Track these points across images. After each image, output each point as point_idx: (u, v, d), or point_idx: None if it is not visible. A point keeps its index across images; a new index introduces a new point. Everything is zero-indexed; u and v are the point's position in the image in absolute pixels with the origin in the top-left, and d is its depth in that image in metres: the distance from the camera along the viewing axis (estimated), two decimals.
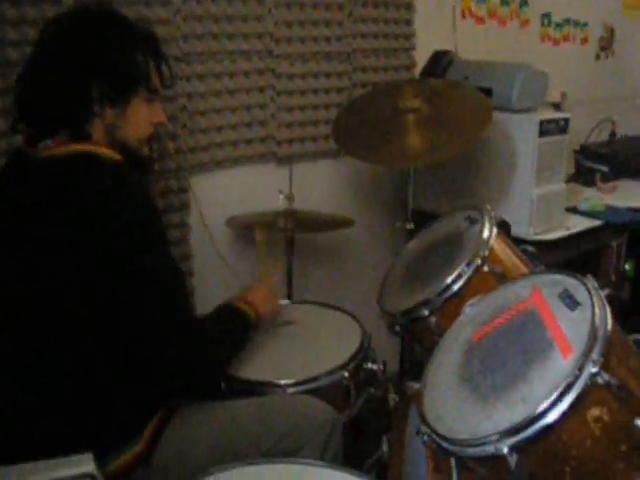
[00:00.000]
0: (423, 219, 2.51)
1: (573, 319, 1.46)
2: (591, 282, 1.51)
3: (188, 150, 2.63)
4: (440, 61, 3.07)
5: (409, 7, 3.21)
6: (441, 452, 1.46)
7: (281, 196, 2.65)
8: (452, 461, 1.61)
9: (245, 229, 2.78)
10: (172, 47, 2.52)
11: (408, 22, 3.23)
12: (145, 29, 1.85)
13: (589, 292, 1.48)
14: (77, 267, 1.61)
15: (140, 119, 1.80)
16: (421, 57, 3.22)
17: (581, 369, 1.31)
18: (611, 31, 4.44)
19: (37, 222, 1.65)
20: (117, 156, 1.73)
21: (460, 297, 1.88)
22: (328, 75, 2.99)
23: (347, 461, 1.95)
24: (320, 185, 3.08)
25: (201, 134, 2.68)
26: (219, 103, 2.70)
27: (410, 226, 2.65)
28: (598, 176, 3.72)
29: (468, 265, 1.90)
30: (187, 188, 2.64)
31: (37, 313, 1.65)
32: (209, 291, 2.76)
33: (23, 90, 1.76)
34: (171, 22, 2.50)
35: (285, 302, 2.53)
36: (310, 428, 1.84)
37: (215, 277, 2.80)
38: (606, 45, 4.44)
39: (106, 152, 1.72)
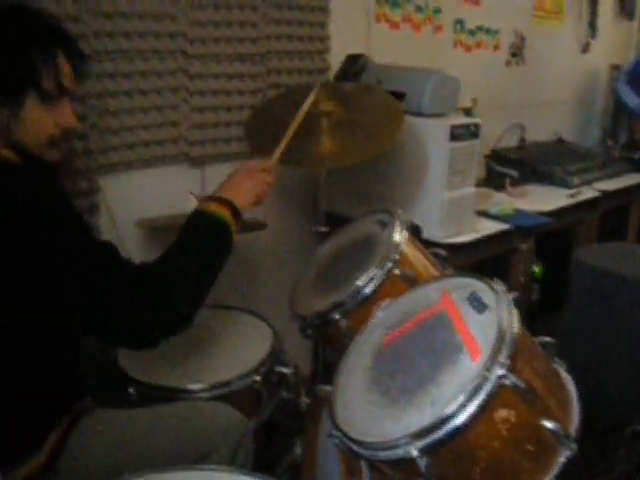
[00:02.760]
0: (336, 222, 2.51)
1: (481, 322, 1.48)
2: (498, 285, 1.54)
3: (98, 151, 2.57)
4: (354, 65, 3.08)
5: (324, 10, 3.21)
6: (352, 455, 1.46)
7: (193, 198, 2.62)
8: (364, 463, 1.62)
9: (156, 231, 2.74)
10: (82, 44, 2.44)
11: (322, 25, 3.22)
12: (50, 25, 1.73)
13: (496, 295, 1.50)
14: None
15: (34, 123, 1.67)
16: (335, 60, 3.23)
17: (489, 371, 1.33)
18: (521, 38, 4.53)
19: None
20: (11, 156, 1.67)
21: (371, 300, 1.88)
22: (242, 77, 2.96)
23: (260, 466, 1.94)
24: None
25: (112, 134, 2.62)
26: (130, 103, 2.65)
27: (323, 229, 2.65)
28: (508, 180, 3.79)
29: (379, 268, 1.90)
30: (97, 189, 2.59)
31: None
32: None
33: None
34: (81, 19, 2.44)
35: None
36: (218, 435, 1.81)
37: None
38: (517, 52, 4.54)
39: None
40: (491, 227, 3.13)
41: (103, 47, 2.53)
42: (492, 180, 3.87)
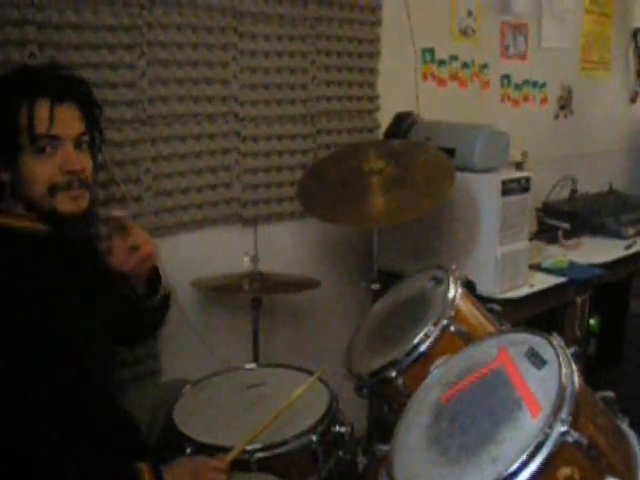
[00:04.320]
0: (389, 279, 2.52)
1: (540, 378, 1.46)
2: (557, 340, 1.52)
3: (153, 212, 2.63)
4: (403, 122, 3.11)
5: (372, 71, 3.27)
6: None
7: (246, 258, 2.64)
8: None
9: (211, 291, 2.77)
10: (137, 110, 2.53)
11: (371, 85, 3.28)
12: (35, 77, 1.75)
13: (555, 350, 1.49)
14: None
15: (32, 174, 1.69)
16: (385, 119, 3.27)
17: (550, 428, 1.31)
18: (569, 90, 4.54)
19: None
20: (38, 226, 1.72)
21: (427, 358, 1.87)
22: (292, 137, 3.01)
23: None
24: (286, 246, 3.08)
25: (166, 196, 2.67)
26: (184, 165, 2.71)
27: (376, 286, 2.65)
28: (560, 233, 3.76)
29: (435, 325, 1.90)
30: None
31: None
32: (175, 354, 2.74)
33: None
34: (136, 85, 2.52)
35: (251, 365, 2.51)
36: None
37: (180, 340, 2.77)
38: (565, 104, 4.54)
39: None
40: (545, 281, 3.10)
41: (158, 112, 2.60)
42: (544, 233, 3.85)
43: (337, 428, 2.16)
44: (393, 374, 1.92)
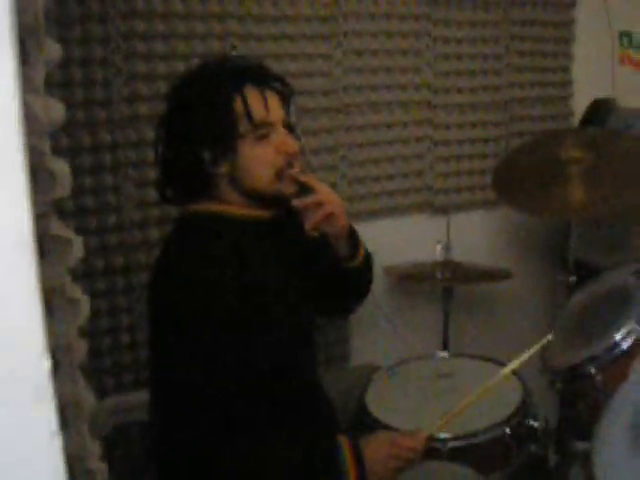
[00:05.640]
0: (585, 271, 2.45)
1: None
2: None
3: (346, 199, 2.68)
4: (600, 109, 3.01)
5: (567, 55, 3.18)
6: None
7: (439, 246, 2.64)
8: None
9: (402, 279, 2.79)
10: (332, 99, 2.60)
11: (565, 70, 3.19)
12: (240, 65, 1.79)
13: None
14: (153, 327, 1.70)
15: (254, 161, 1.71)
16: (578, 105, 3.18)
17: None
18: None
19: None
20: (239, 212, 1.76)
21: (629, 356, 1.82)
22: (484, 125, 2.99)
23: None
24: (477, 236, 3.06)
25: (359, 184, 2.73)
26: (377, 153, 2.75)
27: (572, 279, 2.58)
28: None
29: (638, 323, 1.83)
30: None
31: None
32: (364, 339, 2.79)
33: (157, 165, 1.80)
34: (332, 75, 2.59)
35: (442, 354, 2.51)
36: None
37: (370, 325, 2.81)
38: None
39: (222, 209, 1.77)
40: None
41: (352, 100, 2.65)
42: None
43: (530, 422, 2.13)
44: (592, 370, 1.88)
